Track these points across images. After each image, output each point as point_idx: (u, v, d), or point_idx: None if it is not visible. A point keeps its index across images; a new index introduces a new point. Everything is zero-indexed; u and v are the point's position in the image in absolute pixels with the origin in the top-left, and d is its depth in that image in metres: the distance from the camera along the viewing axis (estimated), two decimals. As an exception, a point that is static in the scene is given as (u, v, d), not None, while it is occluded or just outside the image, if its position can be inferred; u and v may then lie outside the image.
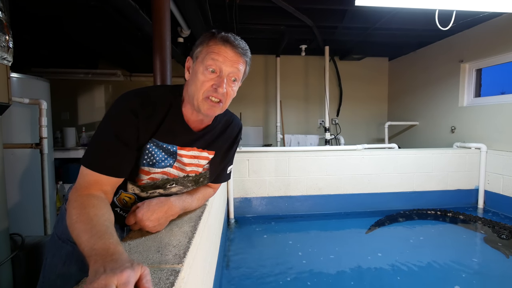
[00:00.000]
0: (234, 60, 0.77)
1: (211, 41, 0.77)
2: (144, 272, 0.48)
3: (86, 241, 0.55)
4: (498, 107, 2.86)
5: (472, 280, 1.68)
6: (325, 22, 3.06)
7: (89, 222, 0.59)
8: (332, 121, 4.57)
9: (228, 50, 0.76)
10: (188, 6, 2.24)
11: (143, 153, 0.78)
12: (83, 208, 0.63)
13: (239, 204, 2.76)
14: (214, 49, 0.75)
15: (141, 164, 0.79)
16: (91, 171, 0.70)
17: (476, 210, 2.91)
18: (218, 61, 0.75)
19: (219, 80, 0.76)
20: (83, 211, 0.62)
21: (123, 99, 0.75)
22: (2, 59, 1.16)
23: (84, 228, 0.58)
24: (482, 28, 3.03)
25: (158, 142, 0.79)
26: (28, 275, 1.46)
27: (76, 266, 0.84)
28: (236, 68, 0.77)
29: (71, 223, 0.61)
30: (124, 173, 0.75)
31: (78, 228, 0.58)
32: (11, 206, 1.94)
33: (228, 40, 0.76)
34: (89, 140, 0.78)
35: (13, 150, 2.02)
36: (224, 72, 0.76)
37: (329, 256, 1.95)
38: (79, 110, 4.07)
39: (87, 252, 0.53)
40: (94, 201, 0.65)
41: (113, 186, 0.74)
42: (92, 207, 0.63)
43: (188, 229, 0.78)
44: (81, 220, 0.60)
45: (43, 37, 2.88)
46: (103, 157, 0.71)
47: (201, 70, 0.76)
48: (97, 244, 0.53)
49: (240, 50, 0.77)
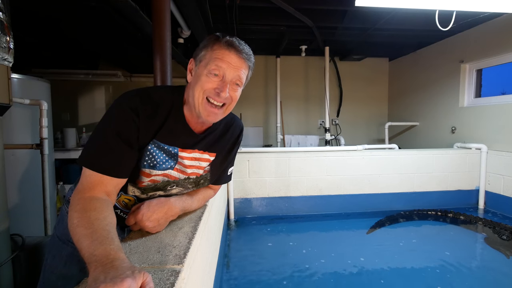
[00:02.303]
0: (238, 66, 0.76)
1: (216, 45, 0.76)
2: (147, 279, 0.47)
3: (86, 247, 0.53)
4: (498, 108, 2.86)
5: (472, 280, 1.68)
6: (325, 22, 3.07)
7: (90, 227, 0.57)
8: (332, 122, 4.57)
9: (232, 55, 0.75)
10: (188, 7, 2.24)
11: (144, 154, 0.77)
12: (85, 211, 0.61)
13: (239, 205, 2.76)
14: (218, 54, 0.75)
15: (142, 166, 0.78)
16: (94, 172, 0.68)
17: (477, 211, 2.90)
18: (221, 67, 0.74)
19: (222, 84, 0.76)
20: (84, 215, 0.60)
21: (124, 98, 0.74)
22: (3, 60, 1.17)
23: (85, 233, 0.56)
24: (482, 28, 3.03)
25: (160, 143, 0.78)
26: (28, 275, 1.46)
27: (76, 267, 0.85)
28: (239, 73, 0.77)
29: (72, 227, 0.60)
30: (126, 173, 0.73)
31: (79, 232, 0.57)
32: (11, 206, 1.94)
33: (232, 45, 0.76)
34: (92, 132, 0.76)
35: (14, 150, 2.02)
36: (227, 78, 0.76)
37: (330, 257, 1.94)
38: (80, 111, 4.08)
39: (87, 258, 0.52)
40: (96, 204, 0.64)
41: (116, 187, 0.72)
42: (93, 211, 0.61)
43: (189, 230, 0.78)
44: (82, 224, 0.58)
45: (43, 38, 2.89)
46: (106, 157, 0.69)
47: (204, 73, 0.75)
48: (97, 250, 0.52)
49: (244, 55, 0.77)
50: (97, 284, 0.43)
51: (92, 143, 0.71)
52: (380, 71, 4.74)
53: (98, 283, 0.43)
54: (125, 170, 0.73)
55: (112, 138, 0.70)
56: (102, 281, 0.44)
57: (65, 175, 3.31)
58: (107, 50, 3.36)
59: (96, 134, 0.71)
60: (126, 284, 0.44)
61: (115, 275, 0.45)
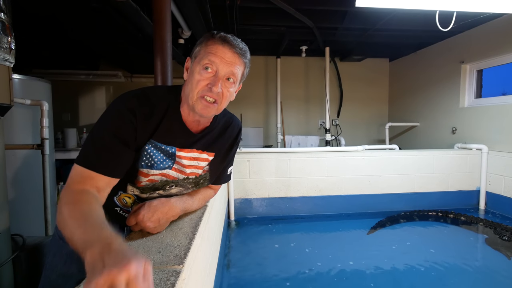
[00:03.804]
0: (231, 61, 0.76)
1: (210, 41, 0.76)
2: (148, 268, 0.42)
3: (79, 235, 0.50)
4: (499, 108, 2.86)
5: (473, 281, 1.67)
6: (325, 23, 3.07)
7: (82, 217, 0.55)
8: (333, 122, 4.57)
9: (226, 50, 0.75)
10: (189, 7, 2.24)
11: (141, 154, 0.77)
12: (75, 203, 0.59)
13: (239, 205, 2.76)
14: (212, 49, 0.75)
15: (139, 166, 0.78)
16: (84, 168, 0.66)
17: (478, 211, 2.90)
18: (215, 62, 0.74)
19: (215, 79, 0.75)
20: (75, 207, 0.58)
21: (121, 100, 0.74)
22: (4, 60, 1.17)
23: (77, 224, 0.53)
24: (482, 29, 3.03)
25: (157, 143, 0.78)
26: (29, 275, 1.46)
27: (77, 265, 0.85)
28: (233, 69, 0.76)
29: (63, 220, 0.57)
30: (119, 173, 0.72)
31: (71, 224, 0.54)
32: (12, 206, 1.94)
33: (226, 40, 0.75)
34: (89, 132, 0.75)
35: (15, 151, 2.03)
36: (220, 73, 0.75)
37: (331, 258, 1.94)
38: (80, 111, 4.09)
39: (81, 245, 0.47)
40: (86, 197, 0.62)
41: (107, 185, 0.70)
42: (84, 203, 0.60)
43: (189, 230, 0.78)
44: (73, 215, 0.56)
45: (44, 38, 2.90)
46: (99, 155, 0.68)
47: (197, 69, 0.75)
48: (91, 235, 0.48)
49: (238, 50, 0.76)
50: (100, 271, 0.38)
51: (88, 142, 0.71)
52: (381, 72, 4.74)
53: (98, 270, 0.38)
54: (119, 170, 0.72)
55: (108, 138, 0.69)
56: (102, 268, 0.38)
57: (65, 175, 3.30)
58: (107, 50, 3.37)
59: (93, 134, 0.71)
60: (133, 267, 0.39)
61: (116, 258, 0.40)
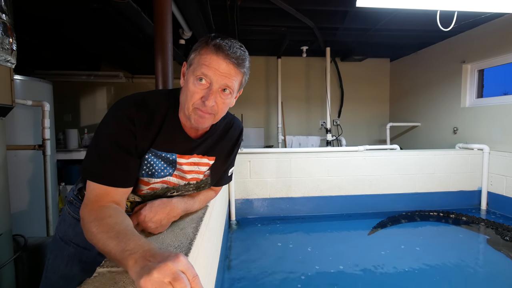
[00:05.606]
0: (226, 73, 0.70)
1: (203, 49, 0.70)
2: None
3: (115, 247, 0.52)
4: (500, 108, 2.85)
5: (474, 282, 1.67)
6: (326, 23, 3.07)
7: (112, 230, 0.57)
8: (334, 122, 4.57)
9: (221, 61, 0.69)
10: (190, 8, 2.25)
11: (142, 163, 0.76)
12: (100, 219, 0.60)
13: (240, 206, 2.76)
14: (205, 60, 0.69)
15: (140, 174, 0.77)
16: (99, 184, 0.67)
17: (479, 212, 2.89)
18: (207, 75, 0.69)
19: (208, 92, 0.70)
20: (101, 222, 0.59)
21: (119, 107, 0.72)
22: (6, 61, 1.17)
23: (109, 236, 0.55)
24: (484, 28, 3.03)
25: (157, 151, 0.76)
26: (30, 276, 1.46)
27: (77, 267, 0.85)
28: (227, 81, 0.70)
29: (93, 237, 0.58)
30: (131, 182, 0.73)
31: (102, 238, 0.56)
32: (14, 207, 1.95)
33: (221, 48, 0.69)
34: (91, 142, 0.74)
35: (16, 151, 2.04)
36: (214, 86, 0.70)
37: (332, 258, 1.94)
38: (81, 112, 4.09)
39: (119, 255, 0.50)
40: (109, 211, 0.63)
41: (123, 196, 0.72)
42: (109, 217, 0.61)
43: (190, 231, 0.78)
44: (102, 230, 0.57)
45: (46, 39, 2.90)
46: (109, 169, 0.68)
47: (191, 80, 0.71)
48: (129, 245, 0.51)
49: (233, 61, 0.70)
50: (153, 267, 0.43)
51: (92, 153, 0.70)
52: (382, 72, 4.74)
53: (150, 268, 0.43)
54: (130, 179, 0.72)
55: (112, 149, 0.69)
56: (157, 264, 0.44)
57: (67, 176, 3.32)
58: (108, 51, 3.37)
59: (96, 145, 0.70)
60: (183, 258, 0.46)
61: (163, 256, 0.46)
